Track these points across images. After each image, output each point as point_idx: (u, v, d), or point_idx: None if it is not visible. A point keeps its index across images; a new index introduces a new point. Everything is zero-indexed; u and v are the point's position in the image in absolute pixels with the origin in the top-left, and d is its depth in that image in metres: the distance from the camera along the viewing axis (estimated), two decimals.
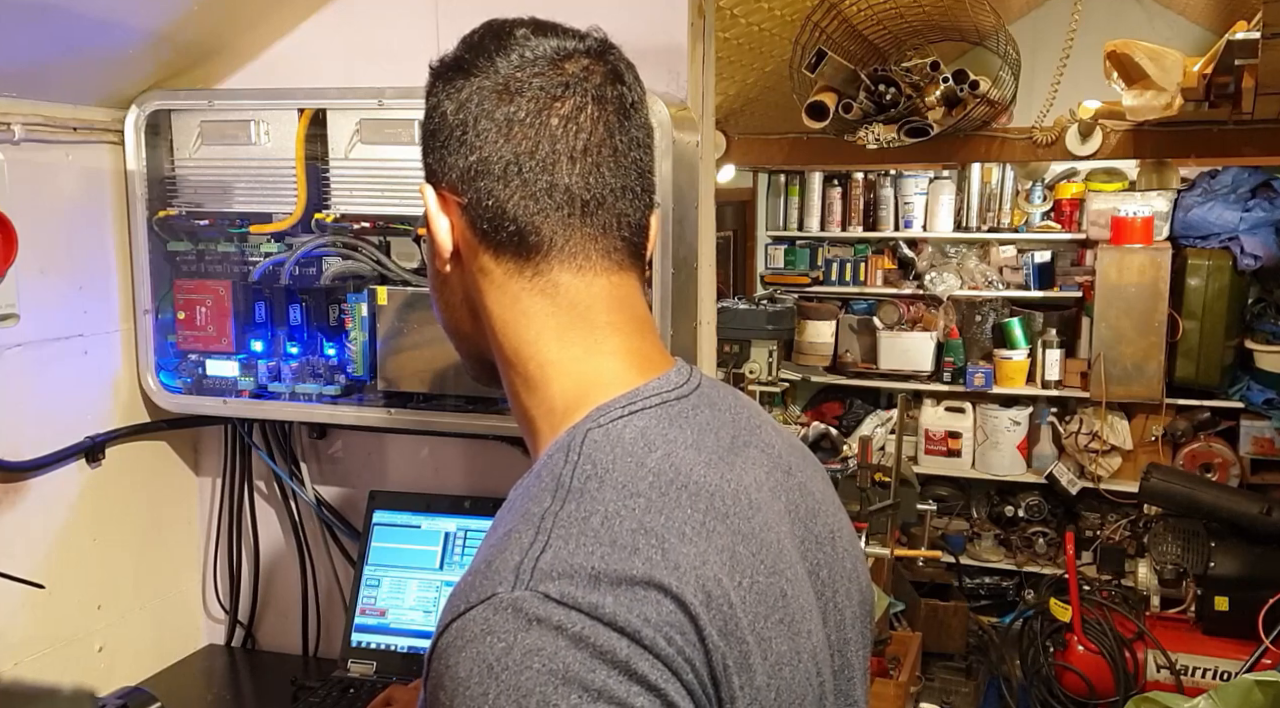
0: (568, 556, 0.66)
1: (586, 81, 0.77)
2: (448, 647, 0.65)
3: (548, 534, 0.67)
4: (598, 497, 0.69)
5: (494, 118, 0.76)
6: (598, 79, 0.78)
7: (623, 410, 0.75)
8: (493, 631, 0.63)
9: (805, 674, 0.74)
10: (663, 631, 0.64)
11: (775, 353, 3.74)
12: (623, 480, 0.71)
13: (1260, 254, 4.14)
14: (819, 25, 2.84)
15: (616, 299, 0.79)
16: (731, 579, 0.70)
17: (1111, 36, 2.86)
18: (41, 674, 1.49)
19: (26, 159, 1.41)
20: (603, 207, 0.78)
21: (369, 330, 1.50)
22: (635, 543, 0.67)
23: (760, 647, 0.70)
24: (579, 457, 0.72)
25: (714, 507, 0.72)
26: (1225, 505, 3.51)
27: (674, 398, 0.78)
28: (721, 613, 0.68)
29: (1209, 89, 2.64)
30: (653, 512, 0.69)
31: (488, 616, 0.64)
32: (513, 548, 0.67)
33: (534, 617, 0.63)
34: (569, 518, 0.68)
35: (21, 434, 1.43)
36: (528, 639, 0.62)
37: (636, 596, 0.65)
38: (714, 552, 0.70)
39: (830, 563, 0.83)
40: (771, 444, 0.84)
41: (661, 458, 0.73)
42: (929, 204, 4.89)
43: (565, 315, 0.78)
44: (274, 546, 1.79)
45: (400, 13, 1.53)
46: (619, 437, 0.73)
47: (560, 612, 0.63)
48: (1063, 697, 3.53)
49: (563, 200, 0.76)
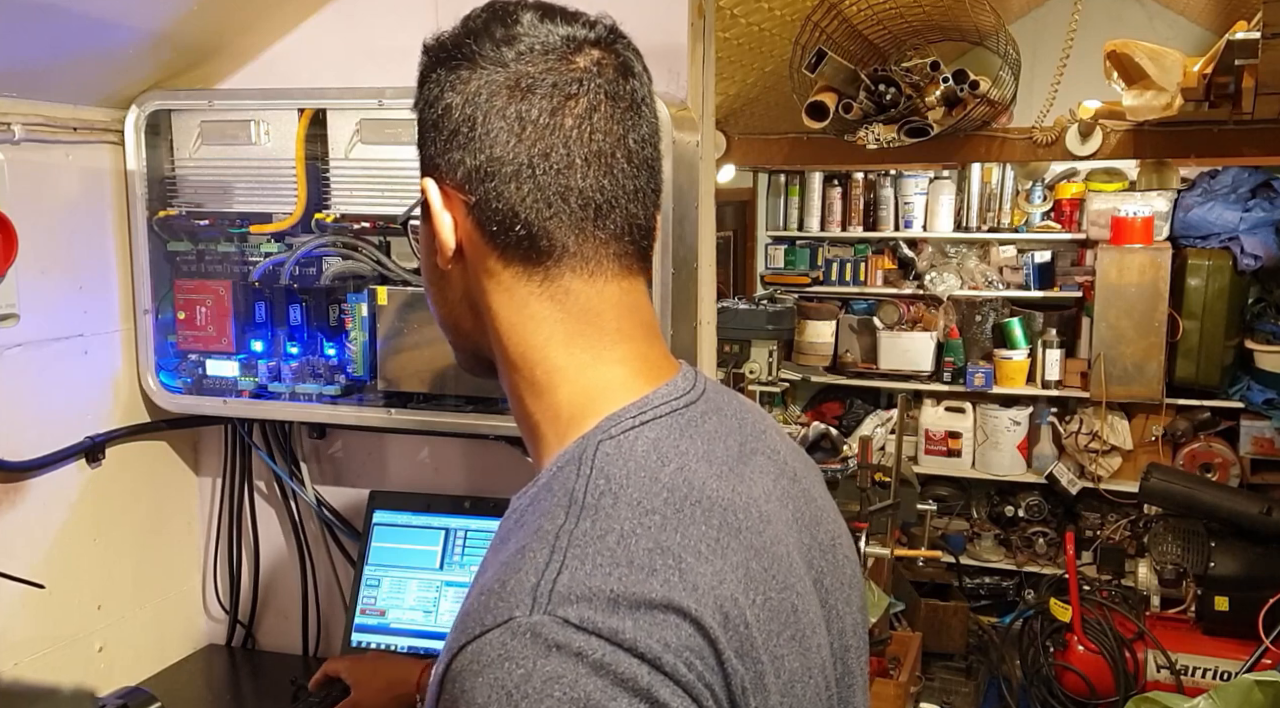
0: (585, 577, 0.64)
1: (599, 77, 0.74)
2: (463, 670, 0.63)
3: (563, 554, 0.66)
4: (613, 514, 0.68)
5: (505, 116, 0.73)
6: (610, 74, 0.75)
7: (634, 421, 0.74)
8: (511, 657, 0.62)
9: (815, 690, 0.74)
10: (683, 656, 0.63)
11: (775, 353, 3.74)
12: (637, 497, 0.69)
13: (1260, 254, 4.14)
14: (819, 25, 2.84)
15: (626, 305, 0.77)
16: (746, 597, 0.69)
17: (1111, 36, 2.86)
18: (41, 674, 1.49)
19: (26, 159, 1.40)
20: (615, 210, 0.75)
21: (369, 330, 1.50)
22: (652, 563, 0.66)
23: (774, 665, 0.69)
24: (591, 471, 0.71)
25: (727, 522, 0.71)
26: (1225, 505, 3.51)
27: (682, 406, 0.77)
28: (738, 634, 0.67)
29: (1209, 89, 2.64)
30: (668, 530, 0.68)
31: (505, 640, 0.62)
32: (528, 568, 0.66)
33: (553, 643, 0.62)
34: (584, 537, 0.67)
35: (21, 434, 1.43)
36: (547, 666, 0.61)
37: (655, 619, 0.63)
38: (729, 570, 0.69)
39: (832, 570, 0.82)
40: (777, 450, 0.84)
41: (675, 472, 0.72)
42: (929, 204, 4.89)
43: (575, 322, 0.76)
44: (274, 546, 1.79)
45: (400, 13, 1.53)
46: (631, 449, 0.72)
47: (580, 638, 0.62)
48: (1063, 697, 3.53)
49: (576, 205, 0.74)
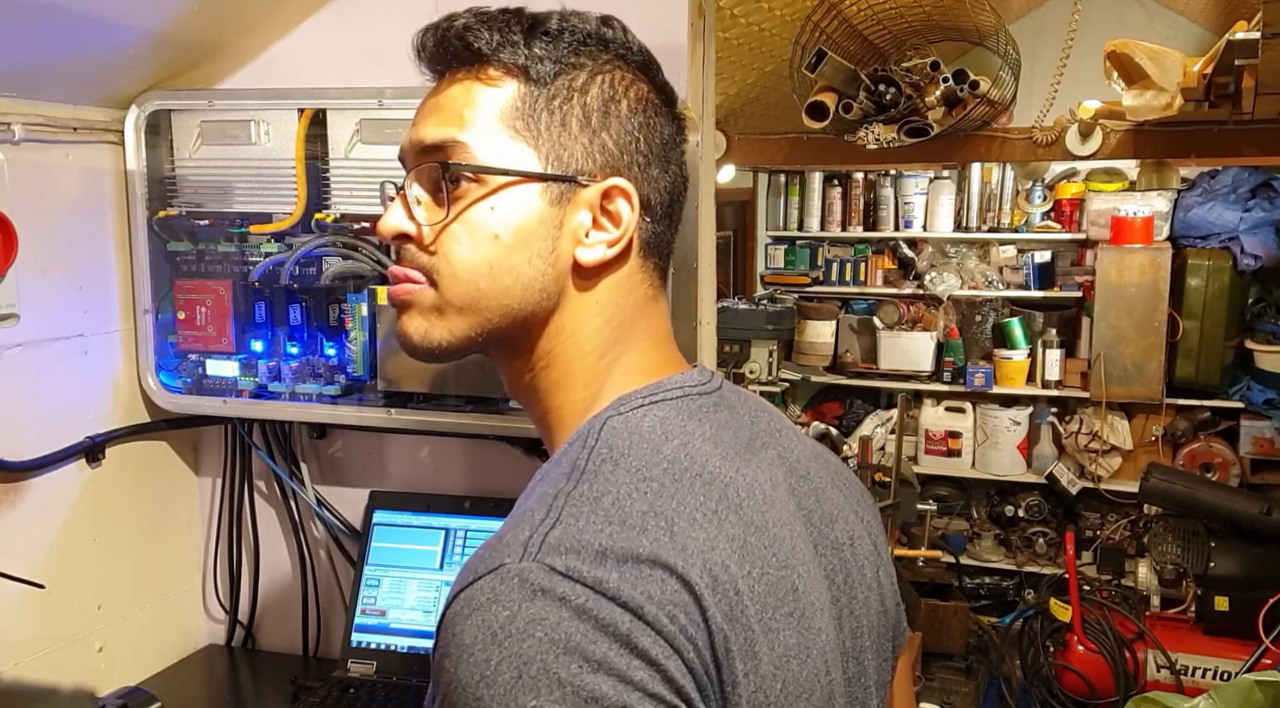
0: (576, 532, 0.67)
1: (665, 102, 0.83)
2: (455, 615, 0.66)
3: (559, 511, 0.69)
4: (611, 479, 0.71)
5: (636, 113, 0.80)
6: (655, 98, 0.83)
7: (644, 400, 0.77)
8: (498, 599, 0.64)
9: (814, 670, 0.74)
10: (665, 608, 0.65)
11: (775, 353, 3.74)
12: (637, 465, 0.72)
13: (1260, 254, 4.13)
14: (819, 25, 2.84)
15: (659, 315, 0.84)
16: (740, 567, 0.70)
17: (1111, 36, 2.86)
18: (41, 674, 1.49)
19: (26, 159, 1.40)
20: (671, 221, 0.84)
21: (369, 330, 1.50)
22: (644, 524, 0.68)
23: (767, 636, 0.70)
24: (596, 442, 0.74)
25: (727, 497, 0.73)
26: (1225, 505, 3.51)
27: (695, 393, 0.80)
28: (727, 598, 0.68)
29: (1209, 89, 2.64)
30: (664, 496, 0.70)
31: (494, 585, 0.65)
32: (524, 525, 0.69)
33: (539, 587, 0.64)
34: (581, 497, 0.70)
35: (21, 434, 1.43)
36: (531, 609, 0.63)
37: (641, 573, 0.66)
38: (724, 540, 0.71)
39: (847, 569, 0.83)
40: (790, 449, 0.85)
41: (678, 447, 0.74)
42: (929, 204, 4.89)
43: (625, 318, 0.81)
44: (274, 545, 1.79)
45: (400, 13, 1.53)
46: (637, 425, 0.75)
47: (565, 584, 0.64)
48: (1063, 697, 3.53)
49: (661, 213, 0.82)
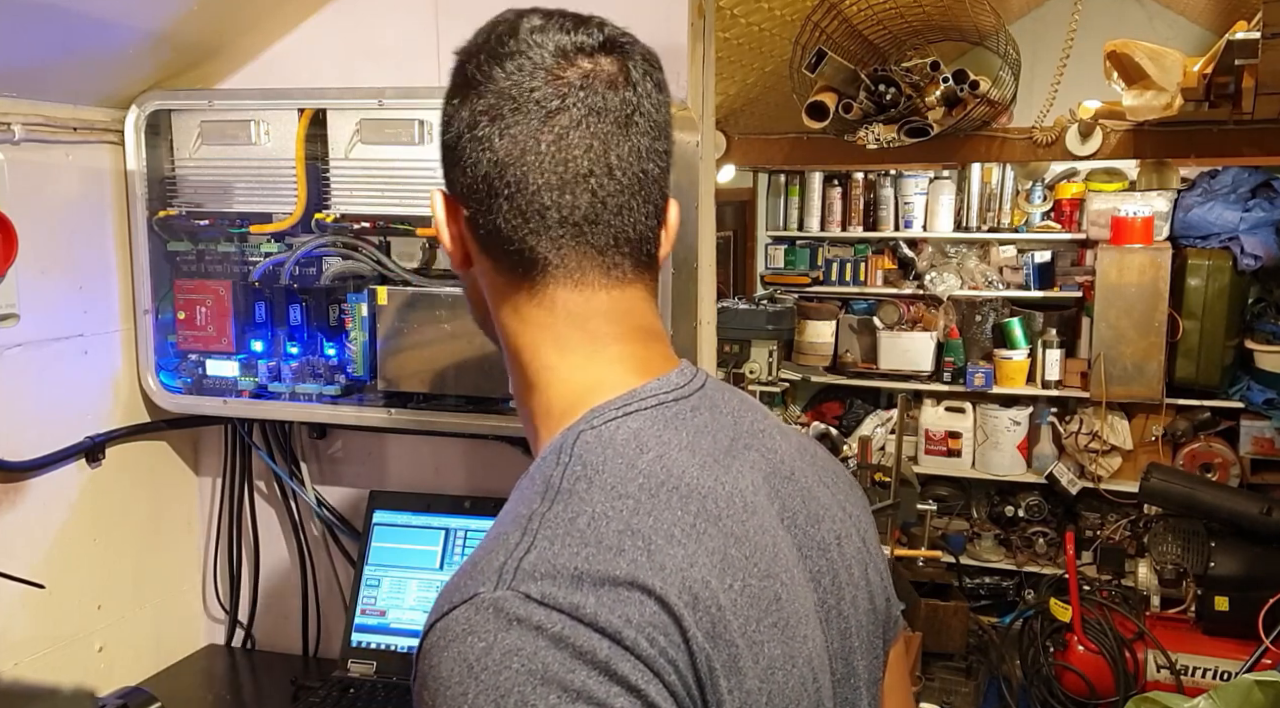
0: (551, 556, 0.66)
1: (583, 90, 0.74)
2: (431, 647, 0.65)
3: (533, 535, 0.67)
4: (585, 498, 0.69)
5: (487, 142, 0.75)
6: (598, 87, 0.75)
7: (617, 412, 0.75)
8: (473, 630, 0.63)
9: (800, 679, 0.73)
10: (644, 631, 0.64)
11: (775, 353, 3.75)
12: (612, 482, 0.70)
13: (1260, 254, 4.13)
14: (819, 25, 2.84)
15: (619, 311, 0.78)
16: (721, 581, 0.69)
17: (1111, 36, 2.86)
18: (41, 674, 1.49)
19: (26, 159, 1.40)
20: (599, 225, 0.76)
21: (369, 330, 1.50)
22: (621, 544, 0.67)
23: (751, 650, 0.69)
24: (570, 458, 0.72)
25: (705, 509, 0.72)
26: (1225, 505, 3.51)
27: (671, 399, 0.78)
28: (709, 615, 0.67)
29: (1209, 89, 2.64)
30: (640, 513, 0.69)
31: (469, 615, 0.64)
32: (499, 549, 0.67)
33: (514, 617, 0.63)
34: (555, 519, 0.68)
35: (21, 434, 1.43)
36: (507, 639, 0.62)
37: (619, 596, 0.64)
38: (703, 554, 0.69)
39: (834, 570, 0.81)
40: (774, 449, 0.83)
41: (653, 460, 0.72)
42: (929, 204, 4.89)
43: (563, 326, 0.78)
44: (274, 546, 1.79)
45: (400, 13, 1.53)
46: (611, 438, 0.73)
47: (540, 612, 0.63)
48: (1063, 697, 3.53)
49: (554, 221, 0.75)
